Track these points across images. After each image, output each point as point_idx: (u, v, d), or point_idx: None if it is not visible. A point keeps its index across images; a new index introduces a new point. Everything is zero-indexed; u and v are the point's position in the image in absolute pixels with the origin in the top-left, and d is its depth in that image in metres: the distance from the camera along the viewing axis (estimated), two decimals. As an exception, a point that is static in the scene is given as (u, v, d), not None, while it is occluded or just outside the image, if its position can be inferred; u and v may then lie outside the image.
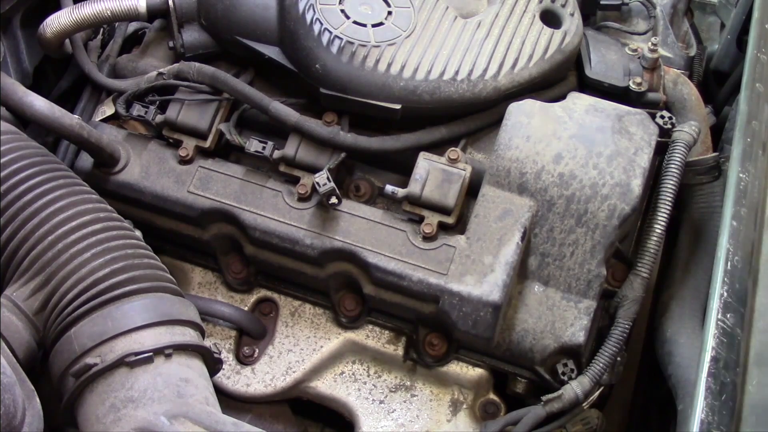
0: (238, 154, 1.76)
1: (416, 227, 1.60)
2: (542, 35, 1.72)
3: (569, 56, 1.75)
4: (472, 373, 1.68)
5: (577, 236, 1.59)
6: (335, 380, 1.71)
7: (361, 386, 1.70)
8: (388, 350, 1.70)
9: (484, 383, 1.68)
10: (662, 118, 1.70)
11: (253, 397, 1.69)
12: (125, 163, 1.68)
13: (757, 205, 1.46)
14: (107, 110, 1.81)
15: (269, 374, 1.70)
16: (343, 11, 1.69)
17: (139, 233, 1.48)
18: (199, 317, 1.43)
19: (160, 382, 1.28)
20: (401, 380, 1.70)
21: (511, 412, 1.61)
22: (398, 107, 1.65)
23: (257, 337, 1.72)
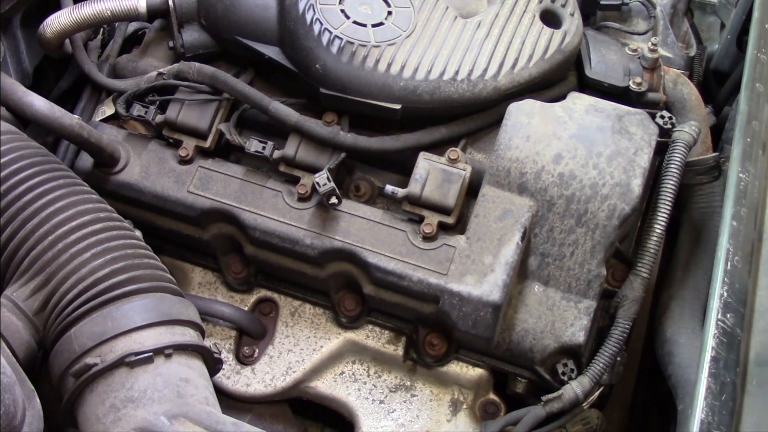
0: (238, 154, 1.76)
1: (416, 227, 1.60)
2: (542, 35, 1.72)
3: (569, 56, 1.74)
4: (472, 373, 1.68)
5: (577, 236, 1.59)
6: (335, 380, 1.71)
7: (361, 386, 1.70)
8: (388, 350, 1.70)
9: (484, 383, 1.68)
10: (662, 118, 1.70)
11: (253, 397, 1.69)
12: (125, 163, 1.68)
13: (757, 205, 1.46)
14: (107, 110, 1.81)
15: (269, 374, 1.70)
16: (343, 11, 1.69)
17: (139, 233, 1.48)
18: (199, 317, 1.43)
19: (160, 382, 1.28)
20: (401, 380, 1.70)
21: (511, 412, 1.61)
22: (398, 107, 1.65)
23: (257, 337, 1.72)
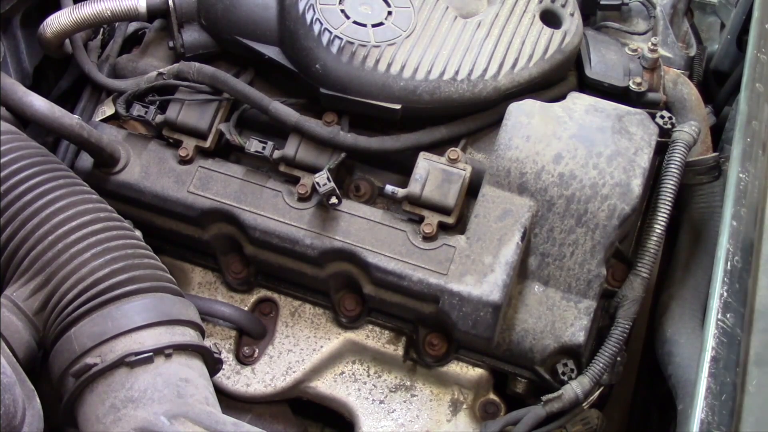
0: (238, 154, 1.76)
1: (416, 227, 1.60)
2: (542, 35, 1.72)
3: (569, 56, 1.74)
4: (472, 373, 1.68)
5: (577, 236, 1.59)
6: (335, 380, 1.71)
7: (361, 386, 1.70)
8: (388, 350, 1.70)
9: (484, 383, 1.68)
10: (662, 118, 1.70)
11: (253, 397, 1.69)
12: (125, 163, 1.68)
13: (757, 205, 1.46)
14: (107, 110, 1.81)
15: (269, 374, 1.70)
16: (343, 11, 1.69)
17: (139, 233, 1.48)
18: (199, 317, 1.43)
19: (160, 382, 1.28)
20: (401, 380, 1.70)
21: (511, 412, 1.61)
22: (398, 107, 1.65)
23: (257, 337, 1.72)
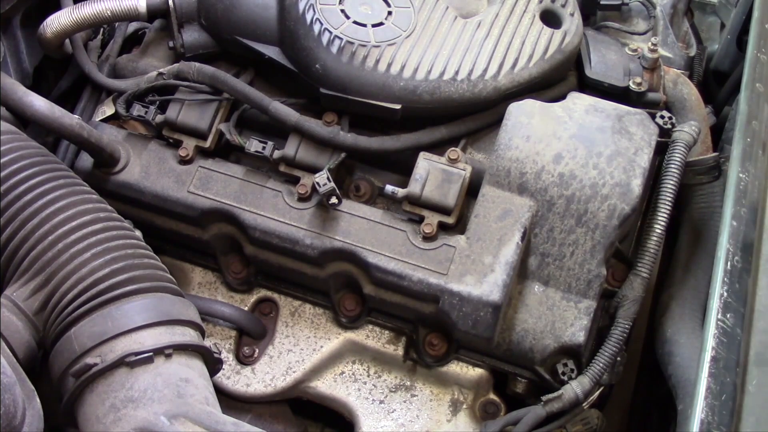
0: (238, 154, 1.76)
1: (416, 227, 1.60)
2: (542, 35, 1.72)
3: (569, 56, 1.74)
4: (472, 373, 1.68)
5: (577, 236, 1.59)
6: (335, 380, 1.71)
7: (361, 386, 1.70)
8: (388, 350, 1.70)
9: (484, 383, 1.68)
10: (662, 118, 1.70)
11: (253, 397, 1.69)
12: (125, 163, 1.68)
13: (757, 205, 1.46)
14: (107, 110, 1.81)
15: (269, 374, 1.70)
16: (343, 11, 1.69)
17: (139, 233, 1.48)
18: (199, 317, 1.43)
19: (160, 382, 1.28)
20: (401, 380, 1.70)
21: (511, 412, 1.61)
22: (398, 107, 1.65)
23: (257, 337, 1.72)
